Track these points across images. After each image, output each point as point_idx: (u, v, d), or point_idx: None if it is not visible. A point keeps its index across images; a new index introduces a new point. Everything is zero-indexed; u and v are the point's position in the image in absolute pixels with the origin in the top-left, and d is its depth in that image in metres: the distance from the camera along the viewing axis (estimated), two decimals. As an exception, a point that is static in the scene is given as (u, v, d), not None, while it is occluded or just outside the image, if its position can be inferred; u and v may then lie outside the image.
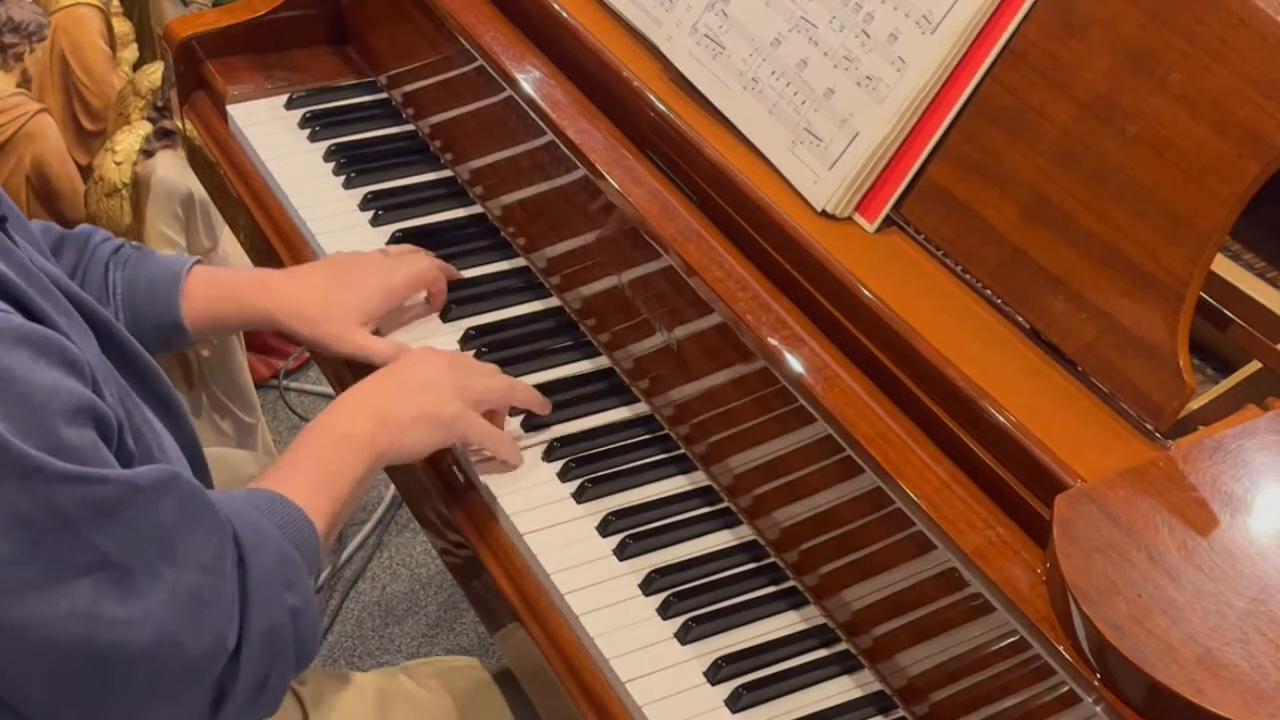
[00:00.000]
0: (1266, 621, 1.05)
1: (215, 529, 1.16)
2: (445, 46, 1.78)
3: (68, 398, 1.07)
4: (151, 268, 1.54)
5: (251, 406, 3.20)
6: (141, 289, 1.52)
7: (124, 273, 1.52)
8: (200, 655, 1.14)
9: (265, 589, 1.19)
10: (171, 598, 1.11)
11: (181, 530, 1.13)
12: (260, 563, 1.19)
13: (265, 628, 1.19)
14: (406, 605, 2.85)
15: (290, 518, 1.27)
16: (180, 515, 1.13)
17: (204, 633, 1.14)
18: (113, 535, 1.08)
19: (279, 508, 1.28)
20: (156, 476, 1.12)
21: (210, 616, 1.14)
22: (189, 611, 1.12)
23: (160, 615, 1.10)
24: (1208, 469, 1.16)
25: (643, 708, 1.29)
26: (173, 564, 1.11)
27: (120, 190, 3.25)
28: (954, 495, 1.23)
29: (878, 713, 1.32)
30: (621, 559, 1.42)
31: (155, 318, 1.53)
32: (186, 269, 1.55)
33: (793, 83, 1.46)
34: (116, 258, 1.53)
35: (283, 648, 1.21)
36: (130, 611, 1.09)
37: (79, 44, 3.73)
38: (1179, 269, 1.21)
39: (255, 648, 1.18)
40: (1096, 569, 1.08)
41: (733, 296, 1.40)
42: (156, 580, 1.10)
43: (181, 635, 1.12)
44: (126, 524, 1.09)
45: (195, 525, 1.14)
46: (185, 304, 1.53)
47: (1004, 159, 1.33)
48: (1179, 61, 1.24)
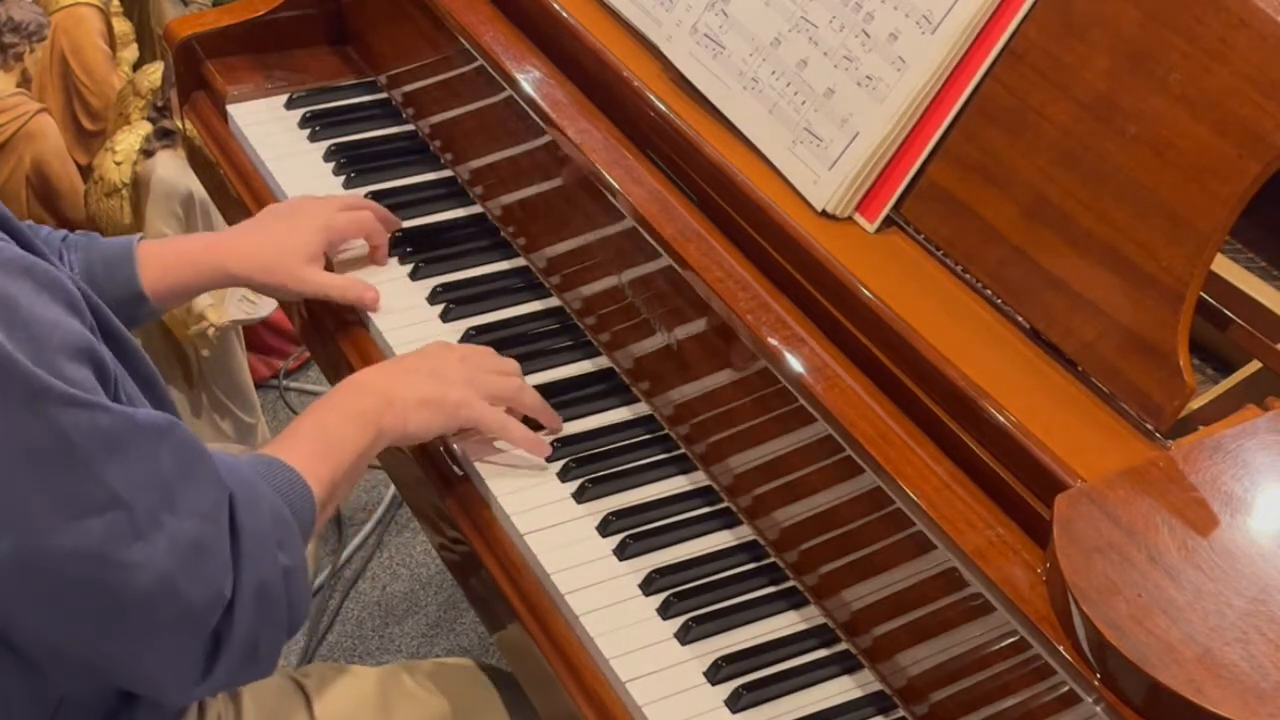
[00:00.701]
0: (1267, 621, 1.05)
1: (212, 480, 1.17)
2: (445, 46, 1.78)
3: (68, 334, 1.08)
4: (102, 246, 1.57)
5: (251, 406, 3.20)
6: (98, 267, 1.55)
7: (78, 255, 1.55)
8: (198, 603, 1.14)
9: (257, 546, 1.20)
10: (173, 545, 1.12)
11: (180, 478, 1.14)
12: (253, 521, 1.20)
13: (257, 584, 1.19)
14: (407, 605, 2.85)
15: (287, 481, 1.29)
16: (179, 464, 1.14)
17: (202, 581, 1.14)
18: (121, 472, 1.08)
19: (276, 470, 1.29)
20: (154, 420, 1.13)
21: (209, 565, 1.15)
22: (189, 559, 1.13)
23: (162, 561, 1.11)
24: (1208, 469, 1.16)
25: (643, 708, 1.29)
26: (173, 511, 1.12)
27: (120, 190, 3.25)
28: (954, 495, 1.23)
29: (878, 713, 1.32)
30: (622, 559, 1.42)
31: (116, 293, 1.55)
32: (136, 241, 1.59)
33: (793, 83, 1.46)
34: (67, 244, 1.56)
35: (274, 606, 1.22)
36: (134, 555, 1.09)
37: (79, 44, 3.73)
38: (1179, 269, 1.21)
39: (247, 604, 1.18)
40: (1096, 569, 1.08)
41: (733, 296, 1.40)
42: (159, 527, 1.11)
43: (180, 582, 1.12)
44: (129, 462, 1.09)
45: (193, 474, 1.15)
46: (142, 274, 1.56)
47: (1004, 159, 1.33)
48: (1179, 62, 1.24)
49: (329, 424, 1.38)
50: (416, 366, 1.48)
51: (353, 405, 1.40)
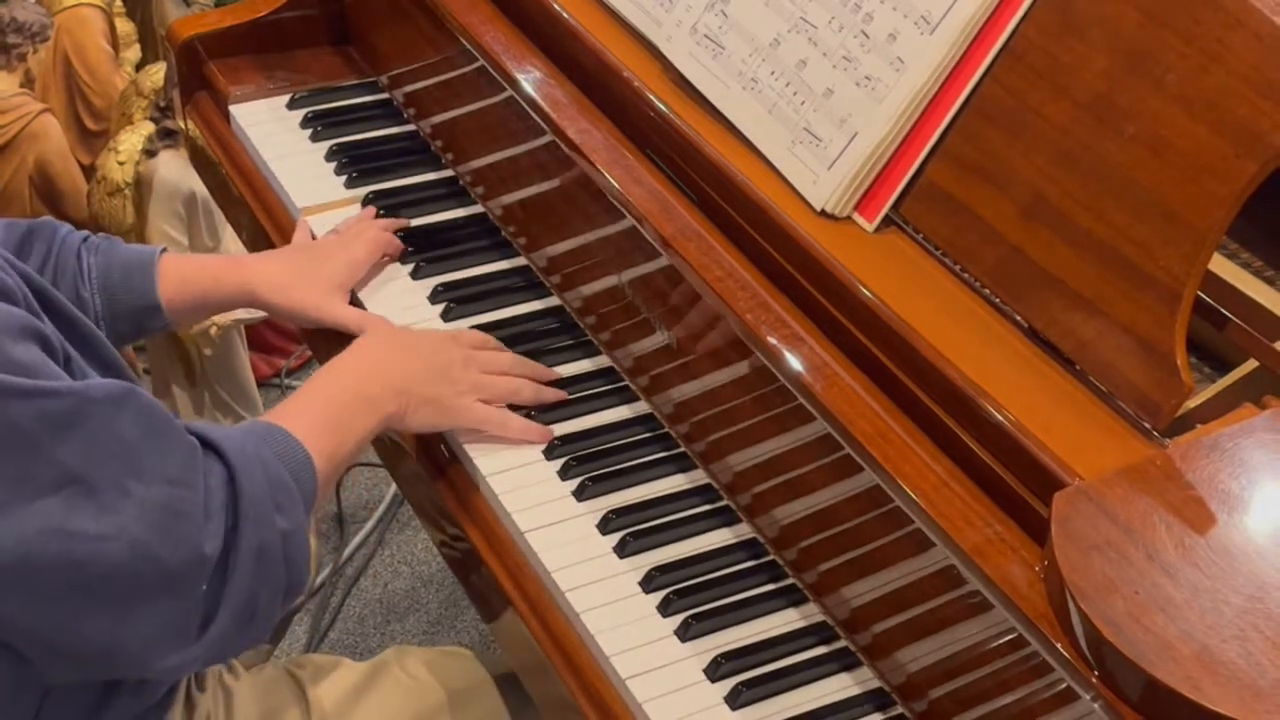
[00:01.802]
0: (1263, 619, 1.05)
1: (179, 442, 1.17)
2: (446, 47, 1.78)
3: (8, 317, 1.08)
4: (124, 253, 1.57)
5: (254, 404, 3.21)
6: (117, 272, 1.55)
7: (97, 258, 1.54)
8: (178, 565, 1.14)
9: (255, 508, 1.20)
10: (142, 511, 1.12)
11: (143, 443, 1.13)
12: (251, 483, 1.20)
13: (255, 545, 1.19)
14: (408, 603, 2.85)
15: (289, 448, 1.29)
16: (140, 428, 1.14)
17: (179, 543, 1.14)
18: (73, 448, 1.08)
19: (279, 437, 1.30)
20: (109, 390, 1.13)
21: (184, 527, 1.15)
22: (161, 524, 1.13)
23: (133, 528, 1.11)
24: (1205, 467, 1.16)
25: (643, 705, 1.29)
26: (139, 478, 1.12)
27: (123, 189, 3.25)
28: (952, 493, 1.23)
29: (876, 710, 1.32)
30: (622, 556, 1.42)
31: (131, 300, 1.55)
32: (159, 252, 1.58)
33: (792, 83, 1.46)
34: (87, 245, 1.55)
35: (273, 568, 1.22)
36: (103, 526, 1.09)
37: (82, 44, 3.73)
38: (1176, 268, 1.21)
39: (245, 565, 1.18)
40: (1094, 567, 1.08)
41: (732, 295, 1.40)
42: (125, 495, 1.11)
43: (157, 547, 1.12)
44: (86, 436, 1.09)
45: (157, 438, 1.15)
46: (161, 285, 1.56)
47: (1002, 159, 1.33)
48: (1176, 62, 1.23)
49: (340, 401, 1.39)
50: (428, 361, 1.48)
51: (364, 388, 1.42)
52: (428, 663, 1.56)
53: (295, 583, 1.26)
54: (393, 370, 1.45)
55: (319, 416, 1.37)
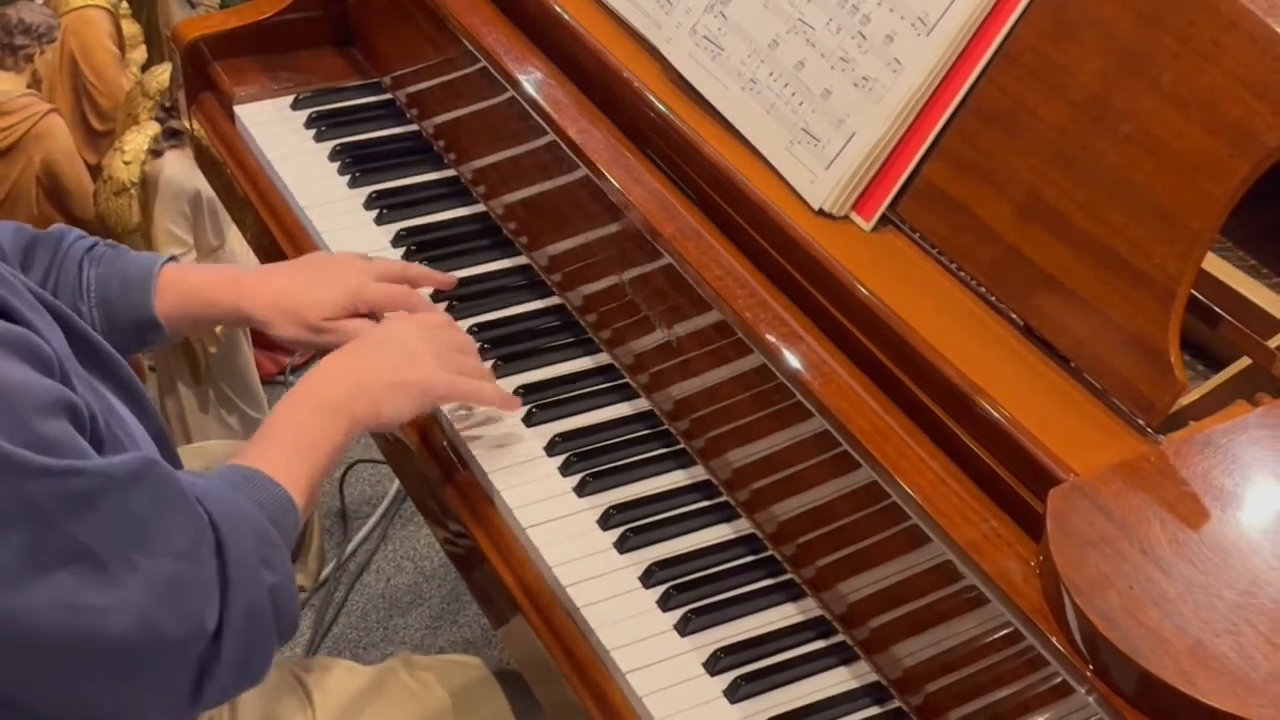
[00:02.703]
0: (1256, 613, 1.05)
1: (189, 515, 1.16)
2: (448, 48, 1.78)
3: (40, 392, 1.07)
4: (125, 265, 1.53)
5: (258, 402, 3.21)
6: (115, 286, 1.52)
7: (98, 270, 1.51)
8: (179, 639, 1.14)
9: (243, 571, 1.18)
10: (148, 586, 1.11)
11: (156, 518, 1.12)
12: (237, 545, 1.19)
13: (245, 608, 1.18)
14: (411, 598, 2.85)
15: (269, 494, 1.27)
16: (154, 503, 1.13)
17: (182, 617, 1.13)
18: (88, 525, 1.07)
19: (258, 483, 1.27)
20: (129, 466, 1.12)
21: (188, 601, 1.14)
22: (166, 598, 1.12)
23: (139, 602, 1.10)
24: (1199, 463, 1.16)
25: (643, 698, 1.29)
26: (148, 552, 1.11)
27: (129, 189, 3.25)
28: (949, 489, 1.23)
29: (874, 703, 1.32)
30: (622, 552, 1.42)
31: (129, 314, 1.52)
32: (159, 266, 1.54)
33: (790, 83, 1.46)
34: (90, 255, 1.52)
35: (263, 625, 1.21)
36: (109, 599, 1.08)
37: (88, 45, 3.73)
38: (1171, 267, 1.21)
39: (236, 628, 1.17)
40: (1089, 562, 1.08)
41: (731, 294, 1.40)
42: (133, 569, 1.10)
43: (160, 621, 1.11)
44: (102, 514, 1.08)
45: (169, 513, 1.14)
46: (159, 300, 1.53)
47: (999, 158, 1.33)
48: (1171, 63, 1.23)
49: (303, 422, 1.35)
50: (382, 345, 1.44)
51: (324, 395, 1.37)
52: (433, 669, 1.56)
53: (285, 630, 1.24)
54: (348, 368, 1.41)
55: (288, 445, 1.33)
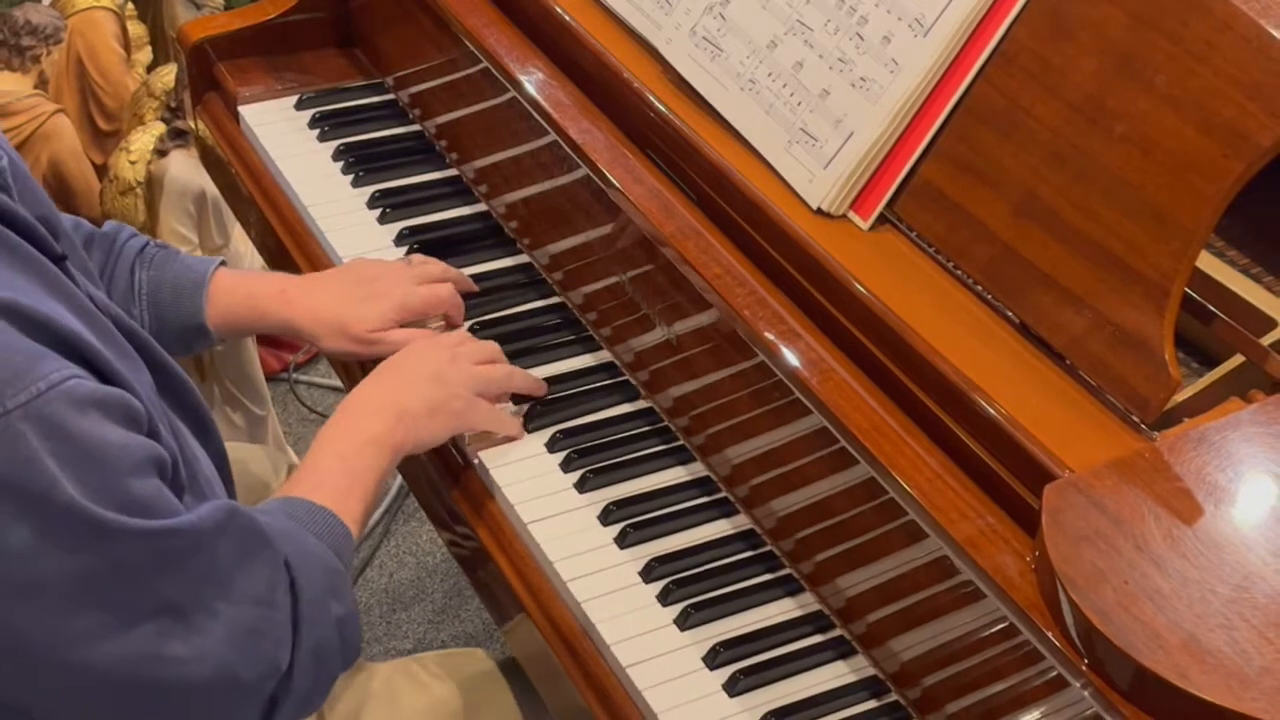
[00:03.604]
0: (1249, 608, 1.05)
1: (268, 561, 1.17)
2: (450, 49, 1.78)
3: (136, 451, 1.07)
4: (177, 270, 1.53)
5: (262, 399, 3.20)
6: (167, 291, 1.52)
7: (150, 274, 1.51)
8: (255, 681, 1.15)
9: (314, 609, 1.20)
10: (229, 633, 1.12)
11: (237, 567, 1.13)
12: (310, 585, 1.20)
13: (314, 644, 1.20)
14: (413, 592, 2.85)
15: (327, 526, 1.28)
16: (236, 553, 1.13)
17: (259, 661, 1.14)
18: (176, 582, 1.08)
19: (317, 517, 1.28)
20: (217, 519, 1.12)
21: (265, 646, 1.15)
22: (245, 644, 1.13)
23: (219, 650, 1.11)
24: (1193, 460, 1.16)
25: (643, 692, 1.29)
26: (229, 600, 1.12)
27: (134, 188, 3.25)
28: (946, 486, 1.22)
29: (871, 697, 1.32)
30: (622, 547, 1.42)
31: (180, 320, 1.52)
32: (211, 272, 1.54)
33: (789, 84, 1.46)
34: (141, 258, 1.52)
35: (331, 657, 1.22)
36: (191, 650, 1.09)
37: (94, 46, 3.73)
38: (1165, 265, 1.21)
39: (305, 664, 1.19)
40: (1084, 557, 1.08)
41: (730, 292, 1.40)
42: (214, 617, 1.11)
43: (238, 667, 1.12)
44: (189, 570, 1.09)
45: (250, 561, 1.15)
46: (209, 309, 1.53)
47: (995, 158, 1.33)
48: (1165, 63, 1.23)
49: (348, 456, 1.35)
50: (416, 372, 1.45)
51: (366, 431, 1.38)
52: (442, 666, 1.56)
53: (349, 658, 1.26)
54: (385, 399, 1.41)
55: (338, 480, 1.33)
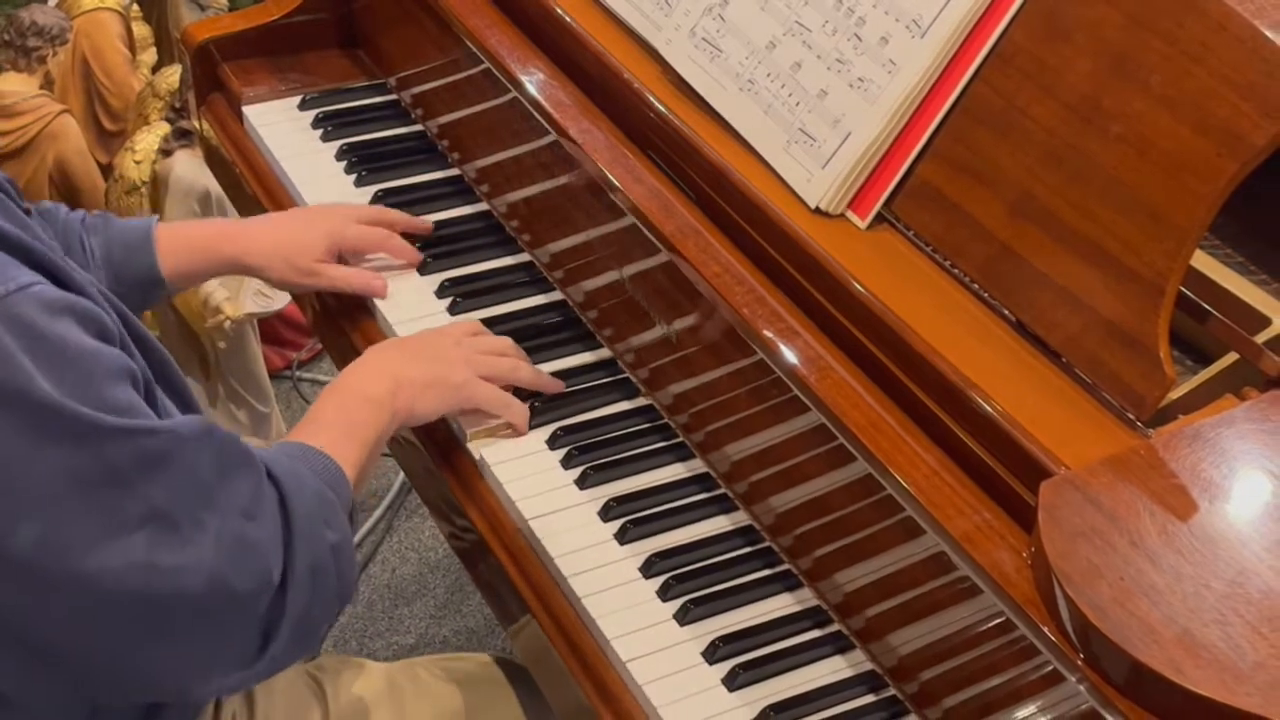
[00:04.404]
0: (1244, 603, 1.05)
1: (251, 475, 1.18)
2: (452, 50, 1.78)
3: (110, 360, 1.09)
4: (120, 230, 1.58)
5: (266, 396, 3.21)
6: (117, 250, 1.56)
7: (97, 238, 1.55)
8: (248, 593, 1.15)
9: (307, 526, 1.21)
10: (219, 543, 1.12)
11: (221, 479, 1.14)
12: (301, 503, 1.21)
13: (309, 563, 1.20)
14: (415, 588, 2.85)
15: (322, 464, 1.30)
16: (219, 465, 1.15)
17: (250, 572, 1.15)
18: (161, 487, 1.09)
19: (311, 455, 1.31)
20: (194, 429, 1.14)
21: (255, 556, 1.16)
22: (235, 554, 1.14)
23: (210, 560, 1.12)
24: (1187, 456, 1.16)
25: (643, 686, 1.29)
26: (215, 511, 1.13)
27: (139, 188, 3.25)
28: (943, 482, 1.22)
29: (869, 691, 1.32)
30: (622, 543, 1.42)
31: (134, 274, 1.56)
32: (153, 226, 1.60)
33: (787, 84, 1.46)
34: (86, 225, 1.56)
35: (326, 582, 1.23)
36: (183, 559, 1.10)
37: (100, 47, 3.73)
38: (1160, 264, 1.20)
39: (301, 582, 1.19)
40: (1080, 553, 1.08)
41: (730, 291, 1.39)
42: (202, 528, 1.11)
43: (230, 577, 1.13)
44: (173, 474, 1.10)
45: (233, 474, 1.16)
46: (161, 259, 1.58)
47: (991, 158, 1.33)
48: (1160, 64, 1.23)
49: (349, 408, 1.39)
50: (418, 350, 1.49)
51: (366, 390, 1.41)
52: (446, 668, 1.56)
53: (345, 592, 1.26)
54: (388, 366, 1.45)
55: (336, 430, 1.36)
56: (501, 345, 1.54)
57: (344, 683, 1.51)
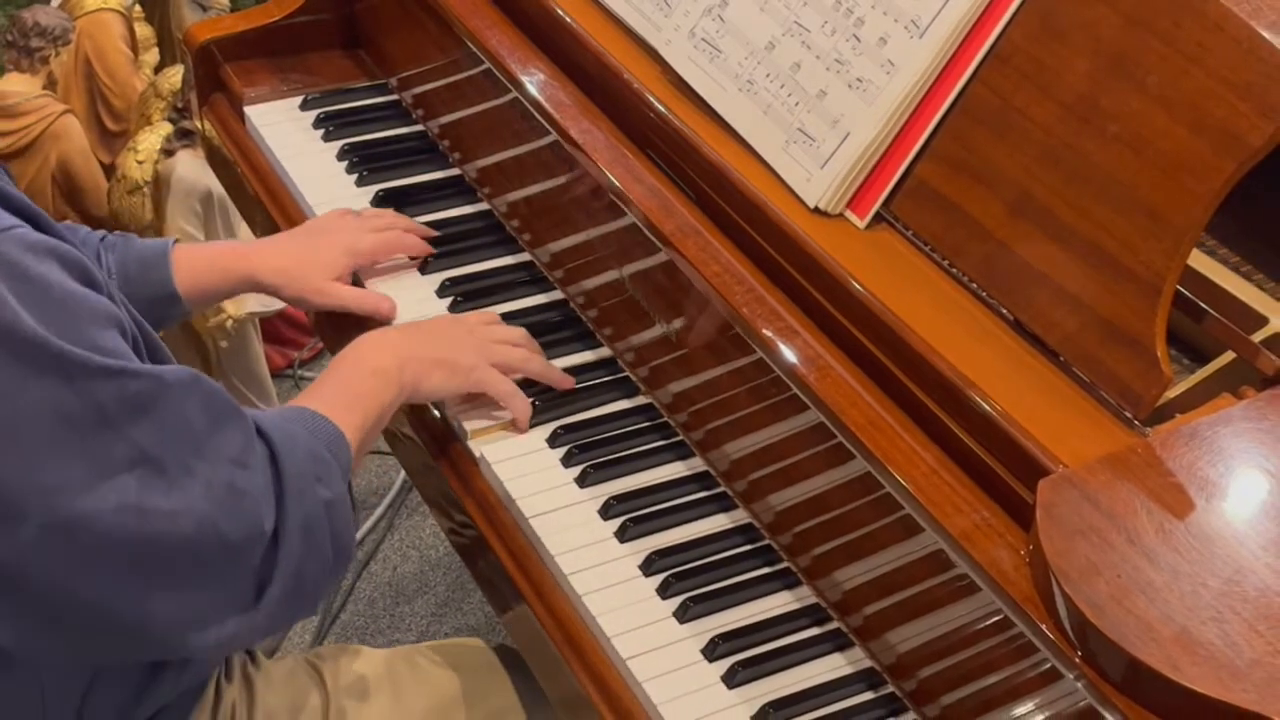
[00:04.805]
0: (1240, 601, 1.05)
1: (239, 425, 1.19)
2: (453, 50, 1.78)
3: (97, 305, 1.10)
4: (139, 248, 1.58)
5: (268, 395, 3.21)
6: (134, 267, 1.56)
7: (115, 256, 1.56)
8: (240, 541, 1.16)
9: (298, 482, 1.22)
10: (209, 489, 1.13)
11: (209, 427, 1.15)
12: (292, 460, 1.22)
13: (301, 519, 1.21)
14: (416, 585, 2.85)
15: (321, 426, 1.31)
16: (207, 412, 1.15)
17: (241, 520, 1.16)
18: (147, 429, 1.10)
19: (309, 417, 1.32)
20: (180, 376, 1.14)
21: (246, 505, 1.16)
22: (225, 501, 1.14)
23: (200, 506, 1.12)
24: (1184, 455, 1.16)
25: (643, 684, 1.29)
26: (204, 458, 1.14)
27: (142, 188, 3.25)
28: (941, 480, 1.22)
29: (868, 688, 1.32)
30: (622, 541, 1.42)
31: (150, 292, 1.56)
32: (171, 245, 1.60)
33: (786, 85, 1.46)
34: (105, 244, 1.57)
35: (319, 539, 1.23)
36: (173, 503, 1.11)
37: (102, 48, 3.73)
38: (1157, 263, 1.20)
39: (293, 537, 1.20)
40: (1078, 551, 1.08)
41: (729, 290, 1.39)
42: (192, 474, 1.12)
43: (221, 523, 1.14)
44: (159, 417, 1.11)
45: (222, 424, 1.17)
46: (176, 276, 1.58)
47: (989, 158, 1.33)
48: (1157, 64, 1.23)
49: (353, 379, 1.40)
50: (431, 331, 1.50)
51: (372, 362, 1.42)
52: (443, 654, 1.56)
53: (341, 552, 1.27)
54: (398, 343, 1.46)
55: (339, 396, 1.38)
56: (515, 335, 1.55)
57: (343, 668, 1.51)
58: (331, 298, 1.63)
